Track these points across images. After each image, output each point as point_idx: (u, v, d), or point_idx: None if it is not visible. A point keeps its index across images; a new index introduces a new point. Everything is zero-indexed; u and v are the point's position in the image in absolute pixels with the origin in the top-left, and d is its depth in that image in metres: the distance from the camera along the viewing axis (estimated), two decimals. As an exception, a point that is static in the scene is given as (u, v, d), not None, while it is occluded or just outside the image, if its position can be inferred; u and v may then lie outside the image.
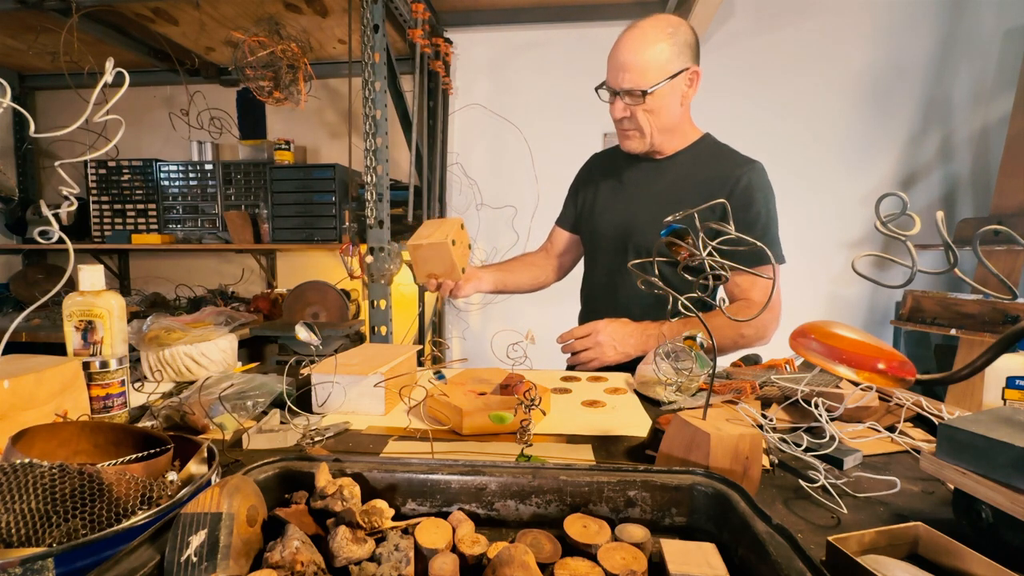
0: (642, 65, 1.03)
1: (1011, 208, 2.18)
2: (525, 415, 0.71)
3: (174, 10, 2.11)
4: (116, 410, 0.78)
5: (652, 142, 1.15)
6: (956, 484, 0.48)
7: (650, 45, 1.03)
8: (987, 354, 0.48)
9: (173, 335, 1.03)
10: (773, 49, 2.53)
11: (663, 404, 0.90)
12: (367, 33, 1.77)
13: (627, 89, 1.05)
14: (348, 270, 2.07)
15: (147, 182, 2.61)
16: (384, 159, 1.82)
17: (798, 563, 0.35)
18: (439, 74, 2.45)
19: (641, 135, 1.13)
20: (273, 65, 1.94)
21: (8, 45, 2.47)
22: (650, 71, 1.03)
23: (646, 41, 1.03)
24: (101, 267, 0.81)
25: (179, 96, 2.82)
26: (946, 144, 2.48)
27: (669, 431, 0.60)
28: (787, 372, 0.94)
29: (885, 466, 0.67)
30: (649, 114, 1.09)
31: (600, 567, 0.41)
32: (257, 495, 0.43)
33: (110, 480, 0.45)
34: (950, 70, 2.44)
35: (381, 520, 0.44)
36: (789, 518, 0.54)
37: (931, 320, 2.14)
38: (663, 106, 1.08)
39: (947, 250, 0.48)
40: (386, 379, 0.84)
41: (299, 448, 0.71)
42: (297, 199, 2.37)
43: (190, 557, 0.36)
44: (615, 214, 1.25)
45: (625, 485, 0.48)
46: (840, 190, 2.53)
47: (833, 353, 0.54)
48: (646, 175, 1.22)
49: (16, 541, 0.41)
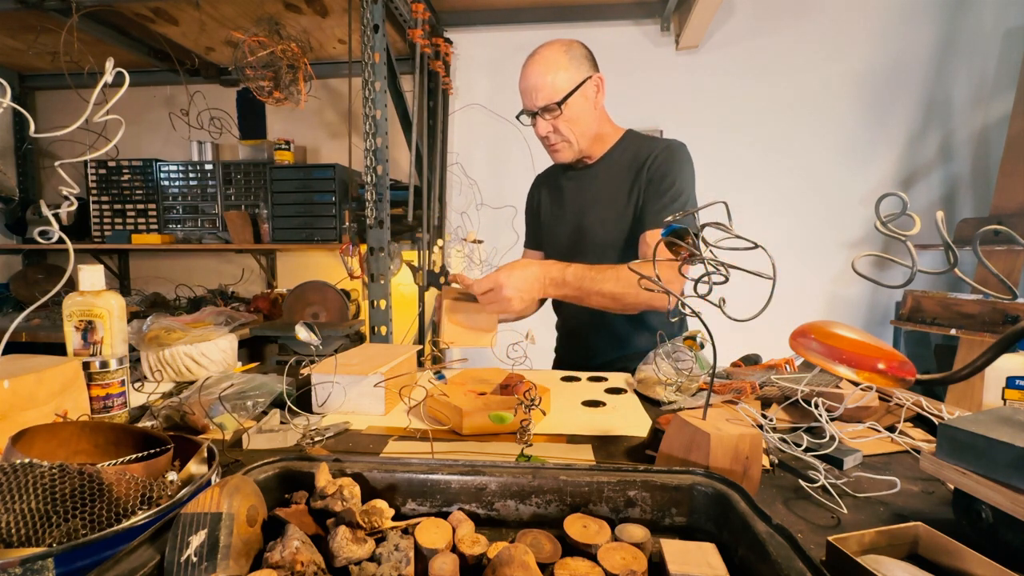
0: (550, 82, 1.13)
1: (1011, 208, 2.18)
2: (525, 415, 0.71)
3: (174, 10, 2.11)
4: (116, 410, 0.78)
5: (580, 148, 1.23)
6: (956, 484, 0.48)
7: (552, 64, 1.14)
8: (987, 354, 0.48)
9: (173, 335, 1.03)
10: (773, 49, 2.53)
11: (663, 404, 0.90)
12: (367, 33, 1.77)
13: (543, 106, 1.16)
14: (348, 270, 2.07)
15: (147, 182, 2.61)
16: (384, 159, 1.82)
17: (798, 563, 0.35)
18: (439, 74, 2.45)
19: (568, 145, 1.22)
20: (273, 65, 1.94)
21: (8, 45, 2.47)
22: (558, 85, 1.13)
23: (548, 62, 1.14)
24: (101, 267, 0.81)
25: (179, 96, 2.82)
26: (946, 144, 2.48)
27: (669, 431, 0.60)
28: (787, 372, 0.94)
29: (885, 466, 0.67)
30: (569, 123, 1.18)
31: (600, 567, 0.41)
32: (257, 495, 0.43)
33: (110, 480, 0.45)
34: (950, 70, 2.44)
35: (381, 520, 0.44)
36: (789, 518, 0.54)
37: (931, 320, 2.14)
38: (579, 113, 1.18)
39: (947, 250, 0.48)
40: (386, 379, 0.84)
41: (299, 448, 0.71)
42: (297, 199, 2.37)
43: (190, 557, 0.36)
44: (565, 224, 1.32)
45: (625, 485, 0.48)
46: (840, 190, 2.53)
47: (833, 353, 0.54)
48: (582, 182, 1.30)
49: (16, 541, 0.41)
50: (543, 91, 1.14)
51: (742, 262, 0.53)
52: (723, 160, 2.59)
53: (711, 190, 2.64)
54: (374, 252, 1.86)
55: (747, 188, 2.58)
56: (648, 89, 2.62)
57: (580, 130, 1.20)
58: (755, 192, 2.57)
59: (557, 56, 1.15)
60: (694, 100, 2.61)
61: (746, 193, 2.57)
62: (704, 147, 2.75)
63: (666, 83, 2.61)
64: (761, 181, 2.58)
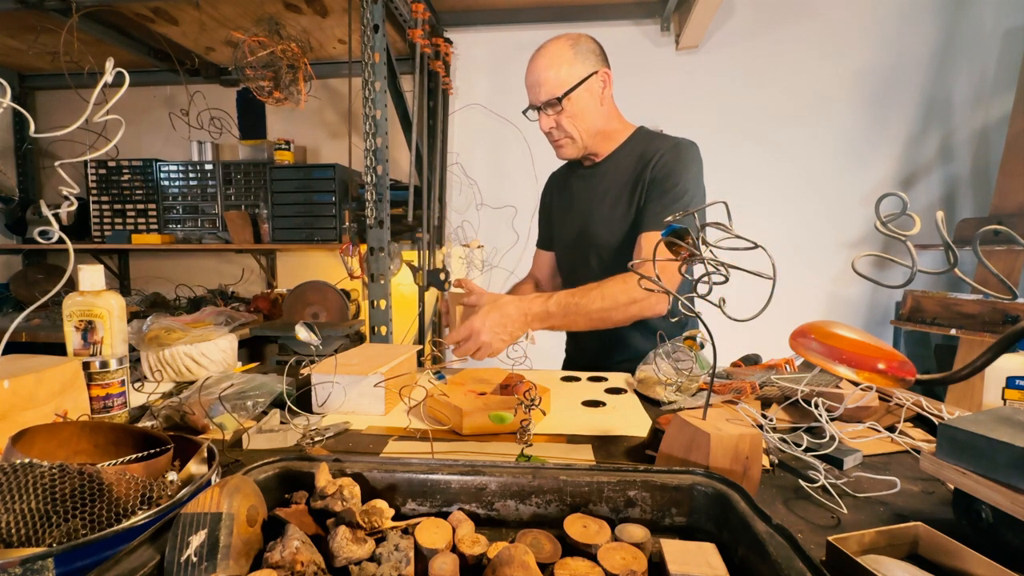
0: (553, 77, 1.12)
1: (1011, 208, 2.18)
2: (525, 415, 0.71)
3: (174, 10, 2.11)
4: (116, 410, 0.78)
5: (585, 145, 1.21)
6: (956, 484, 0.48)
7: (556, 58, 1.13)
8: (987, 354, 0.48)
9: (173, 335, 1.03)
10: (773, 49, 2.53)
11: (663, 404, 0.90)
12: (367, 33, 1.77)
13: (546, 101, 1.14)
14: (348, 270, 2.07)
15: (147, 182, 2.61)
16: (384, 159, 1.82)
17: (798, 563, 0.35)
18: (439, 74, 2.45)
19: (572, 141, 1.20)
20: (273, 65, 1.94)
21: (8, 45, 2.47)
22: (561, 80, 1.12)
23: (552, 56, 1.13)
24: (101, 267, 0.81)
25: (179, 96, 2.82)
26: (946, 144, 2.48)
27: (669, 431, 0.60)
28: (787, 372, 0.94)
29: (885, 466, 0.67)
30: (573, 119, 1.16)
31: (600, 567, 0.41)
32: (257, 495, 0.43)
33: (110, 480, 0.45)
34: (950, 70, 2.44)
35: (381, 520, 0.44)
36: (789, 518, 0.54)
37: (931, 320, 2.14)
38: (583, 109, 1.16)
39: (947, 250, 0.48)
40: (386, 379, 0.84)
41: (299, 448, 0.71)
42: (297, 199, 2.36)
43: (190, 557, 0.36)
44: (572, 224, 1.31)
45: (625, 485, 0.48)
46: (840, 190, 2.53)
47: (833, 353, 0.54)
48: (589, 181, 1.28)
49: (16, 541, 0.41)
50: (546, 86, 1.13)
51: (742, 262, 0.53)
52: (723, 160, 2.59)
53: (711, 190, 2.64)
54: (374, 252, 1.86)
55: (747, 188, 2.58)
56: (648, 89, 2.62)
57: (584, 126, 1.17)
58: (755, 192, 2.57)
59: (562, 50, 1.13)
60: (694, 100, 2.61)
61: (746, 193, 2.57)
62: (704, 147, 2.74)
63: (666, 83, 2.61)
64: (761, 181, 2.58)
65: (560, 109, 1.14)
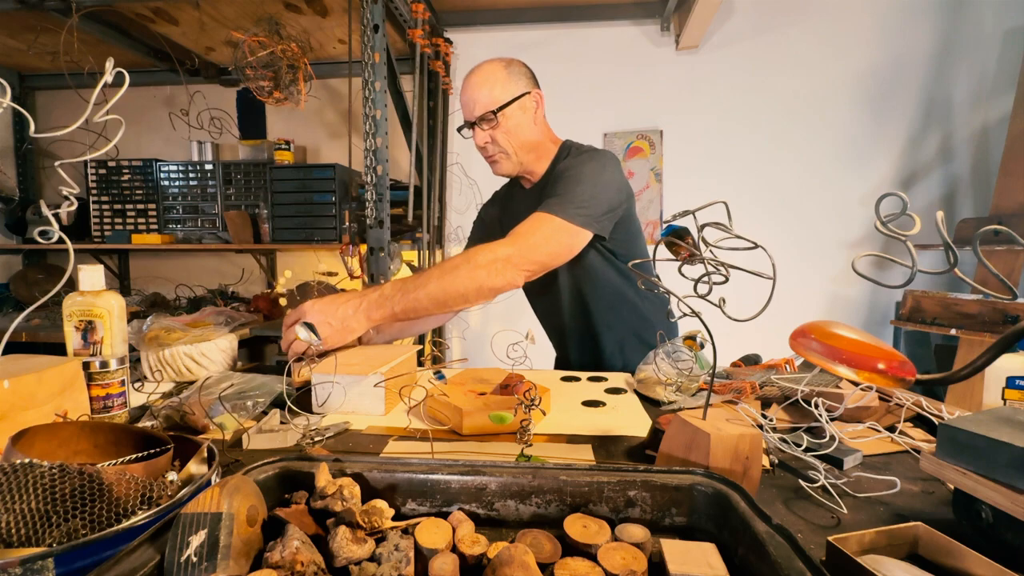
0: (487, 94, 1.17)
1: (1011, 208, 2.18)
2: (525, 415, 0.71)
3: (174, 10, 2.11)
4: (116, 410, 0.78)
5: (520, 160, 1.24)
6: (956, 484, 0.48)
7: (491, 77, 1.17)
8: (987, 354, 0.48)
9: (173, 335, 1.03)
10: (773, 49, 2.53)
11: (663, 404, 0.90)
12: (367, 33, 1.77)
13: (481, 116, 1.18)
14: (348, 270, 2.07)
15: (147, 182, 2.61)
16: (384, 159, 1.82)
17: (798, 563, 0.35)
18: (439, 74, 2.45)
19: (507, 156, 1.22)
20: (273, 65, 1.94)
21: (8, 45, 2.47)
22: (495, 97, 1.16)
23: (486, 75, 1.18)
24: (101, 267, 0.81)
25: (179, 96, 2.82)
26: (946, 144, 2.48)
27: (669, 431, 0.60)
28: (787, 372, 0.94)
29: (885, 466, 0.67)
30: (507, 135, 1.20)
31: (600, 567, 0.40)
32: (257, 495, 0.43)
33: (110, 480, 0.45)
34: (950, 70, 2.44)
35: (381, 520, 0.44)
36: (789, 518, 0.54)
37: (931, 320, 2.14)
38: (517, 125, 1.19)
39: (947, 250, 0.48)
40: (386, 379, 0.84)
41: (299, 448, 0.71)
42: (297, 199, 2.36)
43: (190, 557, 0.36)
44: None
45: (625, 485, 0.48)
46: (840, 190, 2.53)
47: (833, 353, 0.54)
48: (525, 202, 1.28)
49: (16, 541, 0.41)
50: (480, 101, 1.16)
51: (742, 262, 0.53)
52: (723, 160, 2.59)
53: (711, 190, 2.65)
54: (374, 252, 1.86)
55: (747, 188, 2.58)
56: (648, 89, 2.62)
57: (519, 141, 1.21)
58: (755, 192, 2.57)
59: (496, 71, 1.18)
60: (694, 100, 2.61)
61: (746, 193, 2.57)
62: (704, 147, 2.76)
63: (666, 83, 2.61)
64: (761, 181, 2.58)
65: (495, 124, 1.17)
